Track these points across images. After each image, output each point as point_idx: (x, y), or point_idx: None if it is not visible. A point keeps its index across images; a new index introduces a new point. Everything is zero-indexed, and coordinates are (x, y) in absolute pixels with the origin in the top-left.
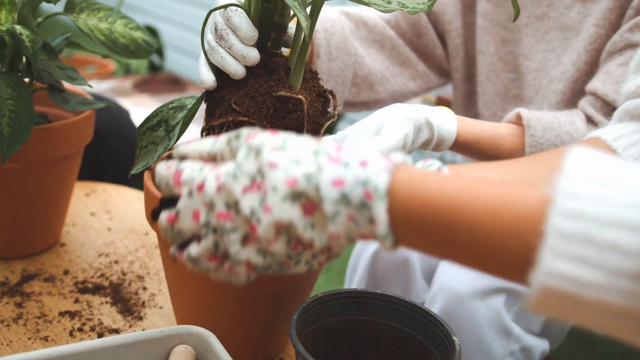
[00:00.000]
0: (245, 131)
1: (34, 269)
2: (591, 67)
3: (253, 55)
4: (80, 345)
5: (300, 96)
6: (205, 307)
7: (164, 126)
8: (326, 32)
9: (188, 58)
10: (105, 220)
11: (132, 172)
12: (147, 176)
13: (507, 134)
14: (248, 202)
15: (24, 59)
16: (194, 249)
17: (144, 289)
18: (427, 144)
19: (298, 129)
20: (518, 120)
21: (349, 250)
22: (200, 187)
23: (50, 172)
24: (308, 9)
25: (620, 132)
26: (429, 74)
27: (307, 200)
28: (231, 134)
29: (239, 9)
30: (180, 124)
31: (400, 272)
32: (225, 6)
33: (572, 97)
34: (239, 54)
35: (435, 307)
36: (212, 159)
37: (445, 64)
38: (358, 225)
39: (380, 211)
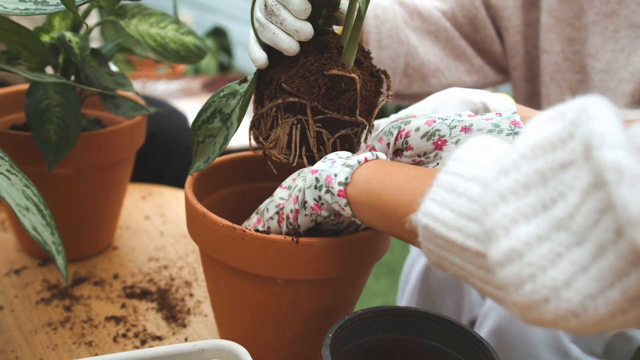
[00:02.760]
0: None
1: (85, 272)
2: None
3: (307, 29)
4: (114, 357)
5: (353, 75)
6: (242, 321)
7: (219, 116)
8: (377, 19)
9: None
10: (159, 224)
11: (192, 170)
12: (188, 183)
13: None
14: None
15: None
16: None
17: (191, 295)
18: None
19: (350, 109)
20: None
21: (404, 248)
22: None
23: (100, 177)
24: None
25: None
26: (485, 70)
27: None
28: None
29: None
30: (238, 109)
31: (453, 285)
32: None
33: None
34: (292, 29)
35: (487, 323)
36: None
37: (504, 61)
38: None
39: (336, 190)
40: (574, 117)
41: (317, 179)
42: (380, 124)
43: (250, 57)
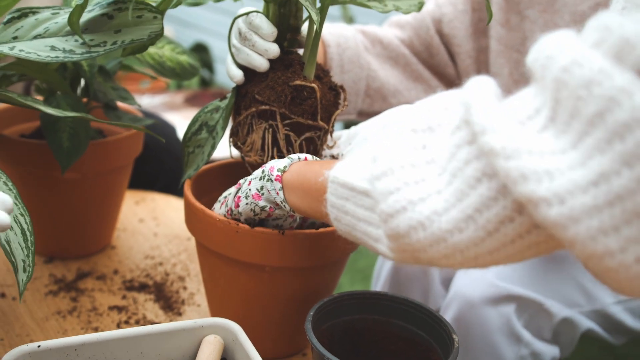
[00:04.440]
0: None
1: (88, 268)
2: None
3: (274, 49)
4: (125, 332)
5: (313, 84)
6: (235, 304)
7: (206, 128)
8: (339, 47)
9: None
10: (152, 226)
11: (184, 178)
12: (187, 186)
13: None
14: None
15: (82, 80)
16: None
17: (184, 288)
18: None
19: (312, 114)
20: None
21: (374, 257)
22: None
23: (103, 182)
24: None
25: None
26: (441, 90)
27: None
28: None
29: (259, 13)
30: (221, 121)
31: (420, 279)
32: (248, 13)
33: None
34: (262, 49)
35: (450, 312)
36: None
37: (458, 82)
38: (269, 193)
39: (274, 176)
40: (456, 94)
41: (262, 171)
42: (342, 134)
43: (228, 75)
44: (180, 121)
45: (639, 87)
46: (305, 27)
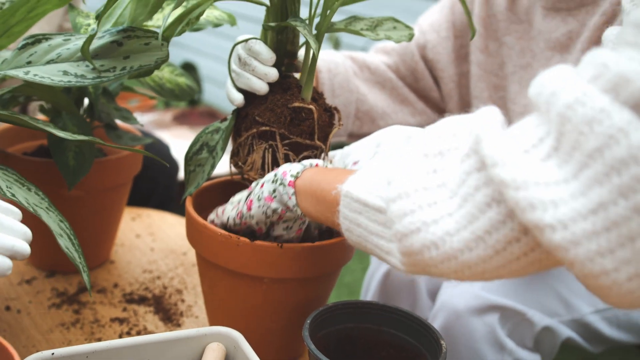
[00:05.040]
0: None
1: None
2: None
3: (273, 73)
4: (132, 340)
5: (311, 106)
6: (234, 314)
7: (206, 149)
8: (330, 73)
9: (224, 90)
10: (149, 241)
11: (185, 195)
12: (188, 202)
13: None
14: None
15: (85, 101)
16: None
17: (182, 301)
18: None
19: (310, 134)
20: None
21: (363, 271)
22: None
23: (105, 199)
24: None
25: None
26: (427, 112)
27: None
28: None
29: (257, 39)
30: (221, 141)
31: (407, 291)
32: (247, 39)
33: None
34: (262, 73)
35: (436, 323)
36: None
37: (442, 105)
38: (281, 196)
39: (287, 181)
40: (459, 121)
41: (275, 174)
42: (336, 154)
43: (229, 98)
44: (170, 139)
45: (635, 126)
46: (301, 52)
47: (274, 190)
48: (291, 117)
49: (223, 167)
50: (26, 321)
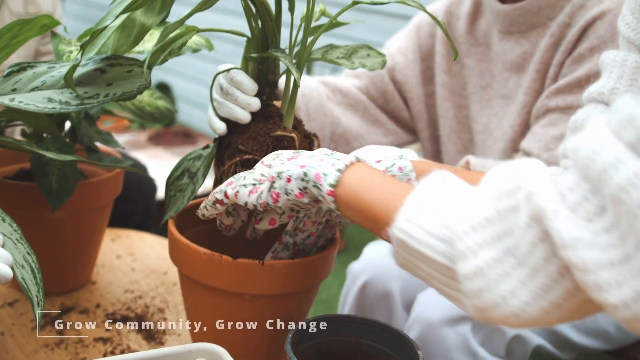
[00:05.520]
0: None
1: (71, 303)
2: (524, 129)
3: (256, 102)
4: (121, 358)
5: (292, 134)
6: (218, 330)
7: (187, 174)
8: (305, 97)
9: (198, 110)
10: (130, 261)
11: (164, 219)
12: (171, 222)
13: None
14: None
15: (67, 124)
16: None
17: (164, 319)
18: None
19: None
20: (467, 166)
21: (339, 287)
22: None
23: (86, 220)
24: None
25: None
26: (399, 132)
27: (293, 154)
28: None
29: (239, 69)
30: (202, 168)
31: (383, 304)
32: (228, 69)
33: (512, 154)
34: (245, 103)
35: (412, 334)
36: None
37: (412, 125)
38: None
39: (346, 160)
40: (517, 173)
41: (305, 174)
42: None
43: (211, 127)
44: (147, 160)
45: None
46: (282, 80)
47: (305, 188)
48: (274, 145)
49: (204, 186)
50: (10, 343)
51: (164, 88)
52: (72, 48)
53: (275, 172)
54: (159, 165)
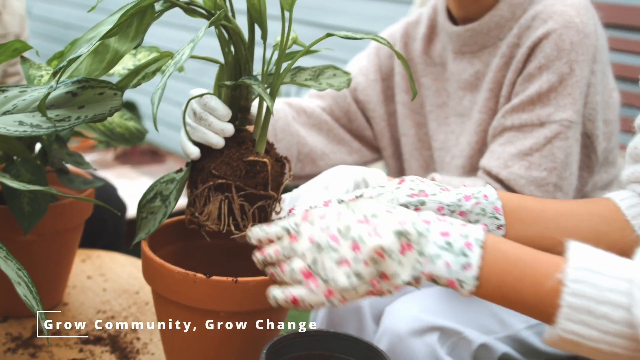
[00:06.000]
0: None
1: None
2: (481, 146)
3: (229, 128)
4: None
5: (265, 160)
6: (192, 348)
7: (160, 197)
8: (272, 119)
9: (166, 128)
10: (101, 282)
11: (135, 241)
12: (144, 242)
13: None
14: (358, 229)
15: (37, 146)
16: (296, 263)
17: (138, 339)
18: None
19: (264, 185)
20: None
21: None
22: (322, 217)
23: (57, 242)
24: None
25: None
26: (363, 150)
27: (407, 240)
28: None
29: (213, 95)
30: (175, 191)
31: (353, 317)
32: (201, 95)
33: (471, 170)
34: (218, 129)
35: (381, 345)
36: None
37: (376, 143)
38: (450, 272)
39: (477, 257)
40: None
41: (449, 243)
42: (285, 198)
43: (184, 152)
44: (114, 179)
45: None
46: (254, 105)
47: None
48: (246, 170)
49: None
50: None
51: (130, 106)
52: (43, 72)
53: (402, 280)
54: (127, 184)
